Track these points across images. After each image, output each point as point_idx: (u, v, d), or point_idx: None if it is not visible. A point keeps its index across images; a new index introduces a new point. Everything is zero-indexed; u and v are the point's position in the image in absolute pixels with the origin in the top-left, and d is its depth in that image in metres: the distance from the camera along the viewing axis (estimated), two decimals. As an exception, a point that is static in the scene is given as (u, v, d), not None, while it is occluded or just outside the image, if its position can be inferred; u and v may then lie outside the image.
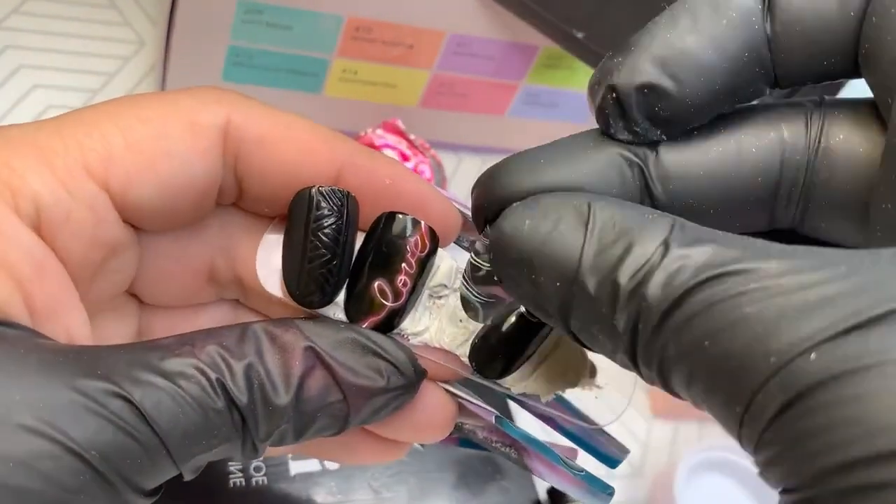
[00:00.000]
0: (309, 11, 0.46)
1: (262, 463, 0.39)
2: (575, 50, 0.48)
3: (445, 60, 0.51)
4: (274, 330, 0.21)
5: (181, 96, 0.22)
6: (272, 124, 0.23)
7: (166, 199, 0.22)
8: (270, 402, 0.21)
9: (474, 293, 0.23)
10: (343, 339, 0.22)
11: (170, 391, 0.19)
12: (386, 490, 0.40)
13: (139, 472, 0.19)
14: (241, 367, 0.20)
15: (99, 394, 0.19)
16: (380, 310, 0.23)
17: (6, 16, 0.53)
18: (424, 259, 0.23)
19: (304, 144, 0.23)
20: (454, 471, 0.41)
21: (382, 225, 0.23)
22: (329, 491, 0.39)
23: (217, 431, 0.20)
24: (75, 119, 0.22)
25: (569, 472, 0.24)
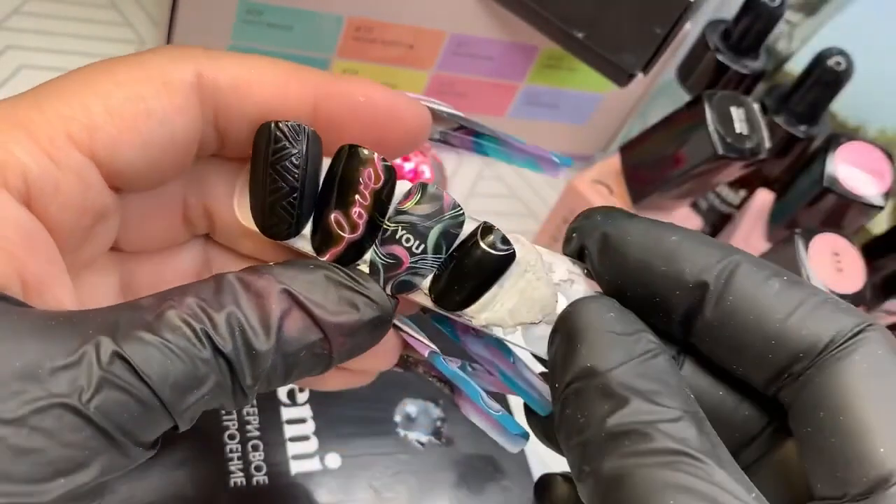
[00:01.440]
0: (309, 12, 0.46)
1: (263, 462, 0.39)
2: (575, 50, 0.48)
3: (446, 61, 0.51)
4: (247, 277, 0.22)
5: (149, 57, 0.23)
6: (242, 69, 0.23)
7: (150, 160, 0.23)
8: (253, 347, 0.21)
9: (380, 254, 0.24)
10: (316, 279, 0.23)
11: (158, 345, 0.20)
12: (386, 490, 0.40)
13: (137, 425, 0.20)
14: (221, 316, 0.21)
15: (91, 352, 0.19)
16: (339, 241, 0.24)
17: (7, 16, 0.53)
18: (378, 191, 0.23)
19: (278, 82, 0.23)
20: (454, 471, 0.41)
21: (336, 158, 0.23)
22: (329, 490, 0.39)
23: (206, 380, 0.21)
24: (51, 90, 0.22)
25: (487, 410, 0.25)
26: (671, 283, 0.22)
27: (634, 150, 0.49)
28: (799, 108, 0.51)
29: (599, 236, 0.24)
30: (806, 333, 0.21)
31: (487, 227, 0.24)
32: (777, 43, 0.57)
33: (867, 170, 0.48)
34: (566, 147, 0.60)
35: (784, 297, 0.21)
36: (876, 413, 0.19)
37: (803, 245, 0.44)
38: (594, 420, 0.20)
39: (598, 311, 0.22)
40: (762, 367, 0.21)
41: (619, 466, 0.19)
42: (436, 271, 0.24)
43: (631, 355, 0.21)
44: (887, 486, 0.18)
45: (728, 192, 0.56)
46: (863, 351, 0.20)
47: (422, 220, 0.24)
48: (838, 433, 0.19)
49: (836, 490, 0.19)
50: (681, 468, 0.19)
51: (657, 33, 0.45)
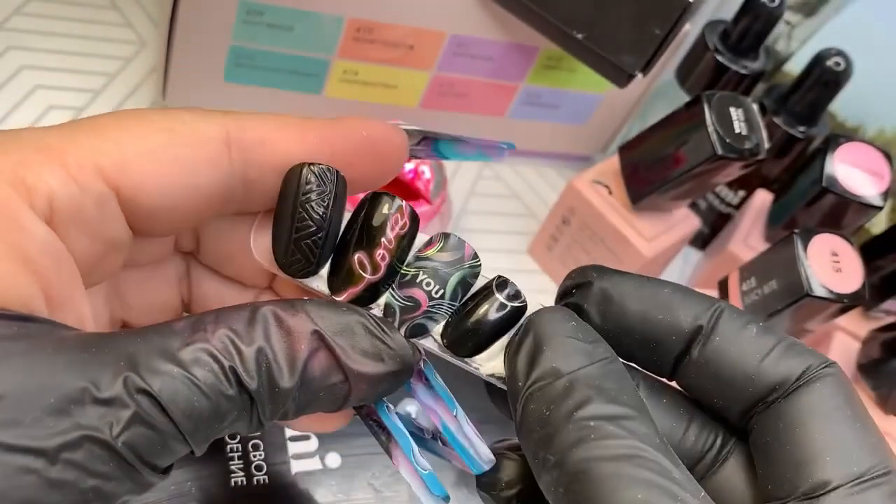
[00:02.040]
0: (310, 12, 0.46)
1: (263, 462, 0.39)
2: (575, 51, 0.48)
3: (446, 61, 0.51)
4: (281, 313, 0.23)
5: (180, 111, 0.24)
6: (264, 125, 0.25)
7: (173, 206, 0.24)
8: (277, 385, 0.22)
9: (397, 297, 0.25)
10: (347, 324, 0.23)
11: (185, 381, 0.21)
12: (387, 489, 0.40)
13: (157, 455, 0.21)
14: (251, 352, 0.22)
15: (121, 388, 0.20)
16: (358, 281, 0.24)
17: (8, 17, 0.53)
18: (403, 236, 0.24)
19: (296, 135, 0.25)
20: (454, 470, 0.41)
21: (369, 203, 0.25)
22: (330, 490, 0.39)
23: (229, 415, 0.22)
24: (85, 125, 0.23)
25: (415, 465, 0.26)
26: (668, 328, 0.25)
27: (634, 151, 0.49)
28: (798, 109, 0.51)
29: (599, 293, 0.25)
30: (781, 369, 0.24)
31: (503, 281, 0.25)
32: (776, 43, 0.57)
33: (866, 170, 0.48)
34: (566, 147, 0.60)
35: (761, 340, 0.24)
36: (827, 431, 0.23)
37: (802, 245, 0.44)
38: (560, 414, 0.22)
39: (561, 321, 0.24)
40: (741, 399, 0.24)
41: (583, 458, 0.21)
42: (448, 318, 0.25)
43: (592, 359, 0.23)
44: (827, 489, 0.22)
45: (727, 193, 0.56)
46: (823, 381, 0.23)
47: (443, 266, 0.25)
48: (792, 441, 0.23)
49: (784, 490, 0.22)
50: (643, 464, 0.21)
51: (656, 34, 0.45)
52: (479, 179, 0.58)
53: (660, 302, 0.25)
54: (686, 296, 0.25)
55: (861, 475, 0.22)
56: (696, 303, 0.25)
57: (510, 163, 0.59)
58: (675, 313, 0.25)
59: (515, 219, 0.57)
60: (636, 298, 0.25)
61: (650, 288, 0.25)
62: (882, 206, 0.48)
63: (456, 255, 0.25)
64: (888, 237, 0.50)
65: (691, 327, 0.24)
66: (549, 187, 0.60)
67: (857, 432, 0.23)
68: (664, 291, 0.25)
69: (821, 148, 0.49)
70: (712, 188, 0.49)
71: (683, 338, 0.25)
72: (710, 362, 0.24)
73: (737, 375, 0.24)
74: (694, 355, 0.25)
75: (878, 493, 0.22)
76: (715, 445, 0.25)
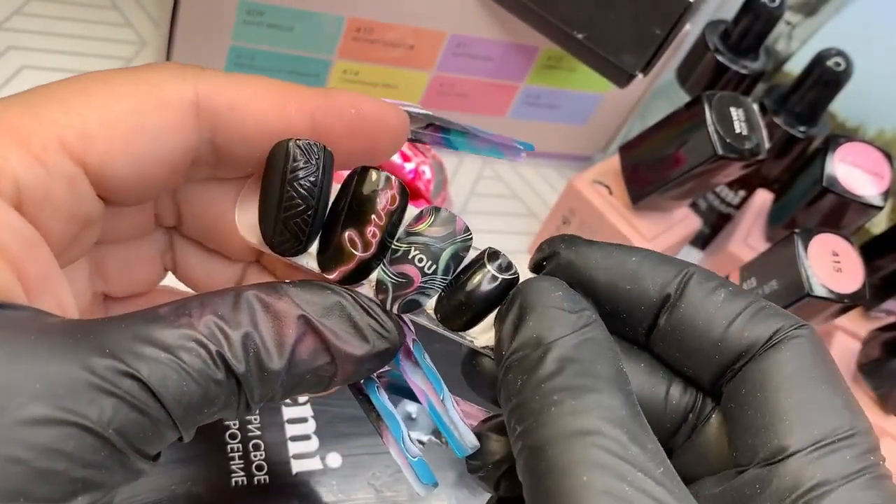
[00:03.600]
0: (310, 12, 0.46)
1: (264, 462, 0.39)
2: (575, 51, 0.48)
3: (446, 61, 0.51)
4: (267, 298, 0.22)
5: (148, 72, 0.23)
6: (240, 89, 0.24)
7: (141, 174, 0.23)
8: (265, 368, 0.22)
9: (389, 273, 0.25)
10: (333, 306, 0.23)
11: (174, 366, 0.20)
12: (387, 489, 0.40)
13: (148, 442, 0.20)
14: (237, 336, 0.22)
15: (110, 373, 0.20)
16: (349, 259, 0.24)
17: (8, 17, 0.53)
18: (393, 211, 0.24)
19: (276, 100, 0.24)
20: (454, 470, 0.41)
21: (357, 179, 0.24)
22: (330, 490, 0.39)
23: (217, 399, 0.21)
24: (48, 95, 0.22)
25: (404, 452, 0.26)
26: (636, 299, 0.24)
27: (634, 151, 0.49)
28: (798, 109, 0.51)
29: (567, 264, 0.25)
30: (748, 334, 0.23)
31: (494, 252, 0.25)
32: (776, 43, 0.57)
33: (866, 170, 0.48)
34: (566, 147, 0.60)
35: (729, 304, 0.24)
36: (789, 393, 0.22)
37: (802, 245, 0.44)
38: (530, 384, 0.22)
39: (548, 289, 0.24)
40: (709, 367, 0.24)
41: (540, 435, 0.21)
42: (441, 292, 0.25)
43: (573, 328, 0.23)
44: (786, 455, 0.21)
45: (727, 193, 0.56)
46: (791, 343, 0.23)
47: (435, 241, 0.24)
48: (755, 407, 0.22)
49: (748, 457, 0.22)
50: (595, 442, 0.20)
51: (657, 34, 0.45)
52: (480, 179, 0.58)
53: (627, 272, 0.24)
54: (655, 264, 0.24)
55: (822, 439, 0.21)
56: (665, 270, 0.24)
57: (510, 163, 0.59)
58: (642, 283, 0.24)
59: (516, 219, 0.57)
60: (603, 270, 0.25)
61: (618, 257, 0.25)
62: (882, 206, 0.48)
63: (447, 229, 0.25)
64: (888, 237, 0.50)
65: (659, 297, 0.24)
66: (550, 187, 0.60)
67: (822, 393, 0.22)
68: (632, 260, 0.24)
69: (821, 148, 0.49)
70: (712, 188, 0.49)
71: (652, 308, 0.24)
72: (676, 330, 0.24)
73: (702, 343, 0.23)
74: (661, 323, 0.24)
75: (838, 456, 0.21)
76: (697, 405, 0.25)
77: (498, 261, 0.25)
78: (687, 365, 0.24)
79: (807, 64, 0.50)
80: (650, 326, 0.24)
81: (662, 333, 0.24)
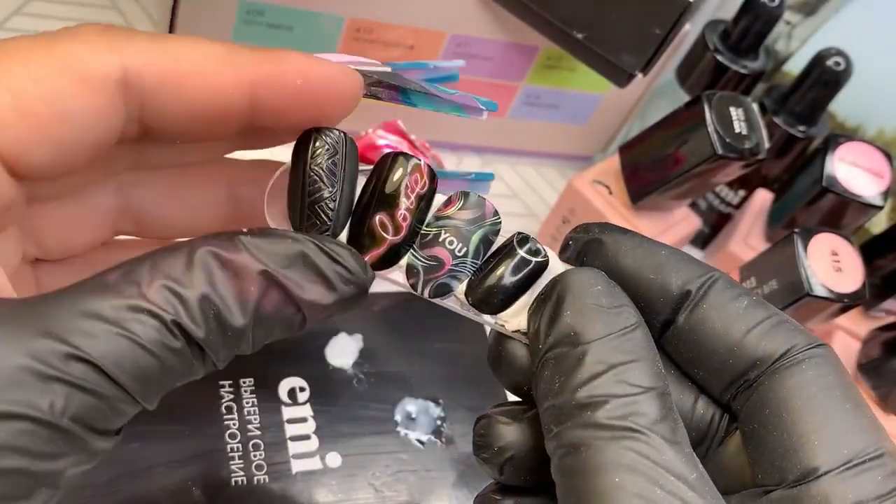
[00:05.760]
0: (310, 12, 0.46)
1: (264, 462, 0.39)
2: (575, 51, 0.48)
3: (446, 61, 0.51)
4: (223, 254, 0.21)
5: (67, 42, 0.21)
6: (172, 61, 0.21)
7: (63, 161, 0.21)
8: (228, 328, 0.21)
9: (420, 257, 0.25)
10: (295, 254, 0.22)
11: (126, 341, 0.19)
12: (387, 489, 0.40)
13: (108, 421, 0.19)
14: (194, 299, 0.20)
15: (57, 358, 0.18)
16: (381, 243, 0.24)
17: (8, 17, 0.53)
18: (423, 196, 0.24)
19: (210, 72, 0.22)
20: (454, 470, 0.42)
21: (387, 164, 0.24)
22: (330, 490, 0.39)
23: (177, 368, 0.20)
24: None
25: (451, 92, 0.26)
26: (658, 290, 0.24)
27: (634, 150, 0.49)
28: (798, 109, 0.51)
29: (596, 244, 0.25)
30: (765, 345, 0.23)
31: (524, 237, 0.25)
32: (776, 43, 0.57)
33: (866, 169, 0.48)
34: (566, 147, 0.60)
35: (750, 313, 0.23)
36: (814, 414, 0.22)
37: (802, 244, 0.44)
38: (567, 387, 0.22)
39: (587, 283, 0.23)
40: (722, 373, 0.24)
41: (576, 436, 0.21)
42: (471, 276, 0.25)
43: (612, 329, 0.22)
44: (817, 475, 0.21)
45: (727, 192, 0.56)
46: (811, 363, 0.22)
47: (465, 224, 0.25)
48: (780, 427, 0.22)
49: (774, 477, 0.22)
50: (630, 446, 0.20)
51: (657, 34, 0.45)
52: (480, 179, 0.58)
53: (654, 262, 0.24)
54: (682, 261, 0.24)
55: (851, 459, 0.21)
56: (691, 269, 0.24)
57: (510, 163, 0.60)
58: (666, 275, 0.24)
59: (516, 219, 0.57)
60: (631, 255, 0.24)
61: (647, 248, 0.24)
62: (882, 205, 0.48)
63: (477, 212, 0.25)
64: (888, 237, 0.50)
65: (680, 291, 0.24)
66: (550, 187, 0.60)
67: (847, 414, 0.22)
68: (661, 253, 0.24)
69: (821, 148, 0.49)
70: (712, 188, 0.49)
71: (671, 301, 0.24)
72: (694, 330, 0.24)
73: (718, 346, 0.23)
74: (680, 321, 0.24)
75: (869, 476, 0.21)
76: (725, 418, 0.24)
77: (528, 244, 0.25)
78: (698, 367, 0.24)
79: (806, 64, 0.50)
80: (666, 322, 0.24)
81: (679, 331, 0.24)
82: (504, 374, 0.26)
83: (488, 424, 0.25)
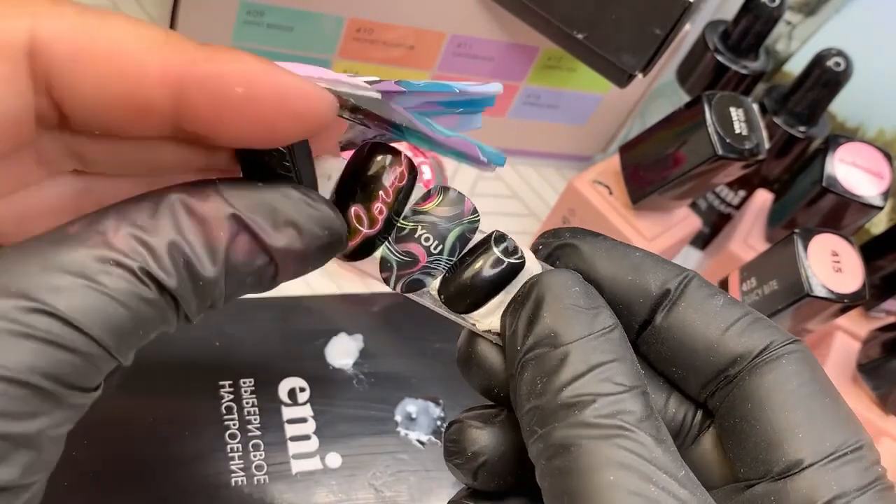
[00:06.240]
0: (310, 12, 0.46)
1: (264, 462, 0.39)
2: (575, 51, 0.48)
3: (446, 61, 0.51)
4: (191, 201, 0.20)
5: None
6: (86, 37, 0.19)
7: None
8: (199, 277, 0.20)
9: (395, 251, 0.24)
10: (265, 200, 0.21)
11: (96, 293, 0.18)
12: (387, 489, 0.40)
13: (84, 378, 0.19)
14: (162, 246, 0.19)
15: (21, 314, 0.18)
16: (355, 235, 0.24)
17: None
18: (401, 189, 0.24)
19: (127, 60, 0.19)
20: (455, 470, 0.42)
21: (365, 154, 0.24)
22: (330, 490, 0.39)
23: (151, 319, 0.20)
24: None
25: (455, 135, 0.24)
26: (637, 291, 0.24)
27: (634, 151, 0.49)
28: (798, 109, 0.51)
29: (569, 249, 0.25)
30: (745, 341, 0.23)
31: (500, 235, 0.25)
32: (776, 43, 0.57)
33: (866, 170, 0.48)
34: (566, 147, 0.60)
35: (727, 311, 0.24)
36: (796, 408, 0.22)
37: (802, 245, 0.44)
38: (551, 387, 0.22)
39: (564, 284, 0.23)
40: (701, 370, 0.24)
41: (565, 436, 0.21)
42: (445, 273, 0.25)
43: (591, 329, 0.22)
44: (801, 468, 0.21)
45: (727, 193, 0.56)
46: (790, 358, 0.23)
47: (442, 221, 0.24)
48: (763, 421, 0.22)
49: (757, 471, 0.22)
50: (622, 444, 0.20)
51: (657, 34, 0.45)
52: (480, 179, 0.58)
53: (630, 264, 0.24)
54: (656, 261, 0.25)
55: (833, 451, 0.21)
56: (666, 269, 0.24)
57: (510, 163, 0.60)
58: (644, 276, 0.24)
59: (516, 219, 0.57)
60: (606, 258, 0.25)
61: (621, 250, 0.25)
62: (882, 206, 0.48)
63: (455, 209, 0.24)
64: (888, 237, 0.50)
65: (659, 291, 0.24)
66: (550, 187, 0.60)
67: (827, 408, 0.22)
68: (635, 255, 0.25)
69: (821, 148, 0.49)
70: (713, 188, 0.49)
71: (650, 301, 0.24)
72: (674, 328, 0.24)
73: (698, 344, 0.24)
74: (658, 321, 0.24)
75: (851, 468, 0.21)
76: (697, 416, 0.25)
77: (504, 244, 0.25)
78: (675, 366, 0.24)
79: (807, 64, 0.50)
80: (644, 322, 0.24)
81: (657, 331, 0.24)
82: (475, 377, 0.25)
83: (460, 429, 0.25)
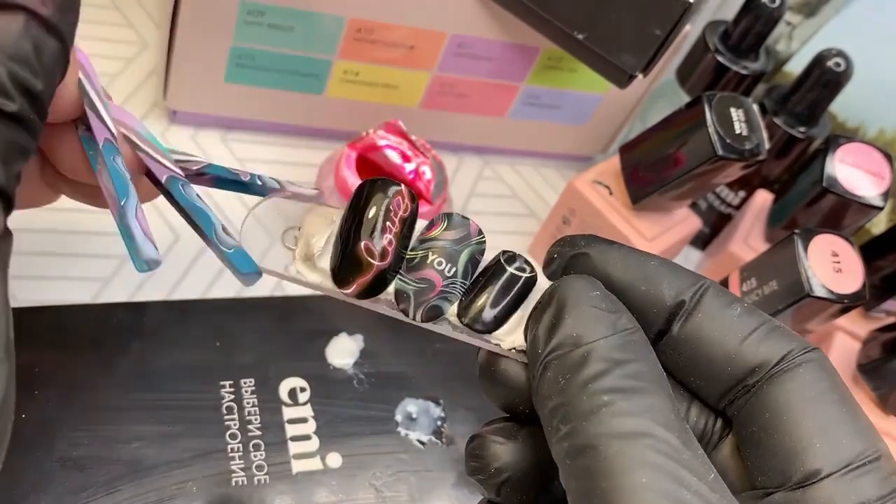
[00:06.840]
0: (310, 13, 0.46)
1: (264, 462, 0.39)
2: (575, 51, 0.48)
3: (446, 61, 0.51)
4: None
5: None
6: None
7: None
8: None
9: (409, 281, 0.24)
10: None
11: None
12: (387, 489, 0.40)
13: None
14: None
15: None
16: (368, 270, 0.24)
17: (9, 17, 0.53)
18: (406, 219, 0.24)
19: None
20: (454, 470, 0.42)
21: (367, 189, 0.24)
22: (330, 490, 0.39)
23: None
24: None
25: (217, 245, 0.25)
26: (651, 301, 0.24)
27: (634, 151, 0.49)
28: (798, 109, 0.51)
29: (583, 258, 0.25)
30: (762, 351, 0.23)
31: (511, 255, 0.25)
32: (776, 44, 0.57)
33: (866, 170, 0.48)
34: (566, 147, 0.60)
35: (744, 320, 0.24)
36: (815, 417, 0.22)
37: (802, 245, 0.44)
38: (575, 384, 0.21)
39: (584, 288, 0.23)
40: (719, 380, 0.24)
41: (593, 433, 0.20)
42: (461, 297, 0.25)
43: (614, 330, 0.22)
44: (819, 478, 0.21)
45: (727, 193, 0.56)
46: (808, 367, 0.23)
47: (451, 244, 0.25)
48: (782, 430, 0.22)
49: (775, 480, 0.22)
50: (651, 444, 0.20)
51: (657, 34, 0.45)
52: (480, 179, 0.58)
53: (645, 274, 0.24)
54: (672, 270, 0.24)
55: (852, 461, 0.21)
56: (682, 278, 0.24)
57: (510, 163, 0.60)
58: (658, 286, 0.24)
59: (516, 219, 0.57)
60: (621, 268, 0.24)
61: (636, 259, 0.25)
62: (882, 206, 0.48)
63: (462, 231, 0.25)
64: (888, 237, 0.50)
65: (674, 301, 0.24)
66: (550, 187, 0.60)
67: (845, 417, 0.22)
68: (651, 264, 0.24)
69: (821, 148, 0.49)
70: (713, 188, 0.49)
71: (665, 312, 0.24)
72: (691, 339, 0.24)
73: (716, 354, 0.24)
74: (674, 331, 0.24)
75: (869, 479, 0.21)
76: (717, 425, 0.25)
77: (516, 262, 0.25)
78: (694, 375, 0.24)
79: (807, 64, 0.50)
80: (660, 332, 0.24)
81: (674, 341, 0.24)
82: (498, 394, 0.25)
83: (482, 445, 0.25)
